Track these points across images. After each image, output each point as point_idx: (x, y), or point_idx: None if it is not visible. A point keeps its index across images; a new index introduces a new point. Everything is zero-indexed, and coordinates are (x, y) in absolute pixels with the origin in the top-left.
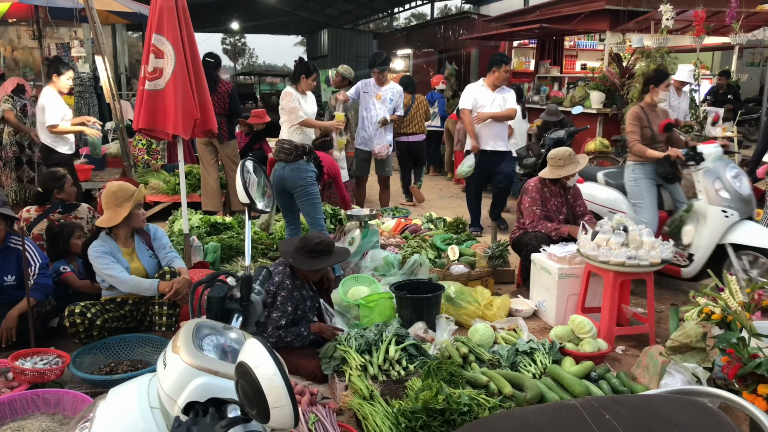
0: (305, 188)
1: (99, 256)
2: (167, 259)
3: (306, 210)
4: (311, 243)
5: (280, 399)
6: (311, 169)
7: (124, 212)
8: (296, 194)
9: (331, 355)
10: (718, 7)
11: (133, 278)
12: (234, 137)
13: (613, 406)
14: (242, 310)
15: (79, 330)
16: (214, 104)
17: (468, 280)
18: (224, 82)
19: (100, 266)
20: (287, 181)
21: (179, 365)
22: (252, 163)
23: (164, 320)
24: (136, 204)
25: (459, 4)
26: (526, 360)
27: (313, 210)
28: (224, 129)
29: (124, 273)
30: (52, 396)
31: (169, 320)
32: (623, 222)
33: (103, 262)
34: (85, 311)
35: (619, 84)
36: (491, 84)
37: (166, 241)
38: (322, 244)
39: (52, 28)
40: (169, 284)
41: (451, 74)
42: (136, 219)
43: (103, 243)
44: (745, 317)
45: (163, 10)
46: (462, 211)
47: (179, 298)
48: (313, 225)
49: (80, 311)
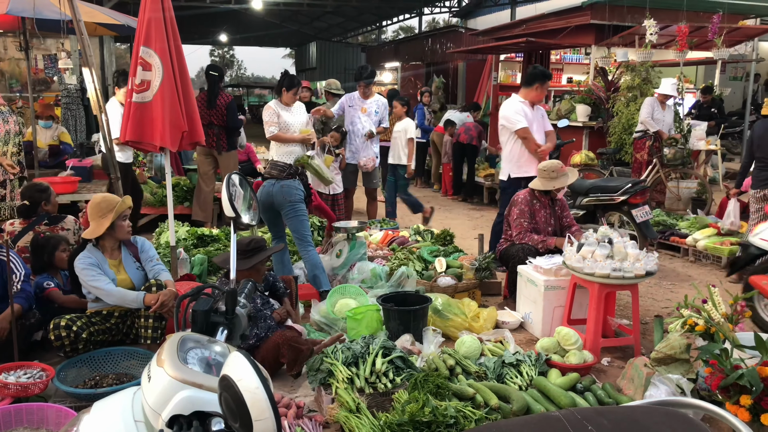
0: (293, 205)
1: (85, 268)
2: (154, 272)
3: (294, 226)
4: (243, 245)
5: (263, 412)
6: (300, 189)
7: (107, 223)
8: (284, 211)
9: (317, 367)
10: (700, 22)
11: (119, 290)
12: (234, 148)
13: (596, 417)
14: (227, 323)
15: (64, 343)
16: (214, 116)
17: (455, 292)
18: (224, 94)
19: (86, 278)
20: (275, 198)
21: (164, 378)
22: (238, 176)
23: (150, 333)
24: (119, 215)
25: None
26: (512, 372)
27: (301, 226)
28: (223, 140)
29: (110, 285)
30: (35, 410)
31: (154, 333)
32: (608, 234)
33: (89, 273)
34: (70, 324)
35: (604, 97)
36: (532, 100)
37: (153, 254)
38: (252, 243)
39: (39, 40)
40: (155, 297)
41: (438, 87)
42: (120, 230)
43: (89, 255)
44: (727, 329)
45: (151, 23)
46: (449, 223)
47: (165, 311)
48: (300, 241)
49: (66, 324)
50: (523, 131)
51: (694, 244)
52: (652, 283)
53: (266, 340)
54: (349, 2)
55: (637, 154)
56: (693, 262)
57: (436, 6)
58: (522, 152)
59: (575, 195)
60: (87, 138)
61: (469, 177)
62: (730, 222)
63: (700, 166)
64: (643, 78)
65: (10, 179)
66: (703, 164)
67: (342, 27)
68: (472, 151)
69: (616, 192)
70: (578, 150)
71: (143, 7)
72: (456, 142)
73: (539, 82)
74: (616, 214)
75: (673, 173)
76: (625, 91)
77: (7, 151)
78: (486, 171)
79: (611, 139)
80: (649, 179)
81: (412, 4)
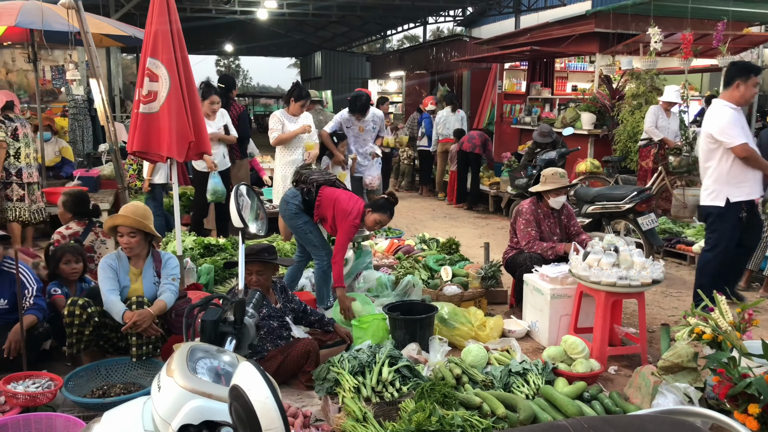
0: (290, 221)
1: (102, 268)
2: (161, 289)
3: (300, 241)
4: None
5: (273, 422)
6: (293, 202)
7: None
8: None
9: (324, 376)
10: (705, 30)
11: (111, 299)
12: (246, 157)
13: (603, 426)
14: (236, 333)
15: (74, 322)
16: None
17: (461, 301)
18: (236, 104)
19: (99, 276)
20: (281, 207)
21: (174, 388)
22: (245, 187)
23: (134, 351)
24: (108, 229)
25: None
26: (519, 381)
27: (304, 240)
28: (236, 149)
29: (109, 292)
30: (44, 420)
31: (139, 350)
32: (614, 242)
33: (102, 274)
34: (86, 305)
35: (609, 105)
36: (737, 102)
37: (173, 272)
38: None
39: (47, 51)
40: (130, 315)
41: (443, 95)
42: (120, 242)
43: (114, 258)
44: (735, 337)
45: (158, 34)
46: (455, 232)
47: (139, 330)
48: (312, 253)
49: (83, 303)
50: (743, 149)
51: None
52: (659, 292)
53: (293, 347)
54: (353, 12)
55: (643, 162)
56: None
57: (441, 15)
58: (743, 170)
59: (581, 203)
60: (94, 148)
61: (474, 185)
62: None
63: None
64: (648, 86)
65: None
66: None
67: (347, 36)
68: (475, 160)
69: (621, 200)
70: (583, 158)
71: (150, 19)
72: (459, 151)
73: (741, 78)
74: (621, 222)
75: (679, 181)
76: (630, 99)
77: (30, 153)
78: (491, 179)
79: (616, 147)
80: (654, 187)
81: (417, 13)
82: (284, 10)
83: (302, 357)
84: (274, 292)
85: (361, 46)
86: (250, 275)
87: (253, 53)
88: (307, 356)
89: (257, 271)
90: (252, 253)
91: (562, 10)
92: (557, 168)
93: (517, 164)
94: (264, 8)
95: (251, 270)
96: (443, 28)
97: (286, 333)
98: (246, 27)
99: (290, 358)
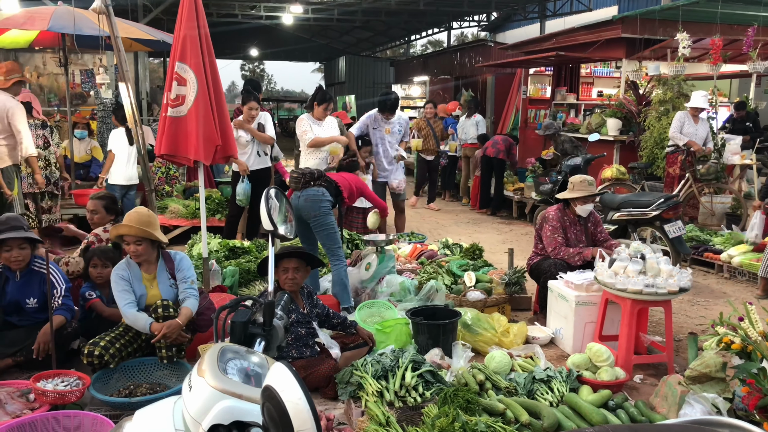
0: (318, 218)
1: (116, 281)
2: (183, 295)
3: (322, 240)
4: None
5: (305, 423)
6: (325, 198)
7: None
8: (311, 224)
9: (347, 380)
10: (734, 35)
11: (132, 313)
12: (271, 160)
13: None
14: (265, 334)
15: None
16: None
17: (484, 307)
18: (263, 108)
19: (113, 290)
20: (302, 211)
21: (205, 388)
22: (275, 190)
23: (164, 353)
24: (115, 237)
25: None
26: (543, 388)
27: (329, 240)
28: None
29: (127, 306)
30: (72, 418)
31: (168, 352)
32: (641, 250)
33: (116, 288)
34: (102, 354)
35: (635, 111)
36: None
37: (189, 274)
38: (284, 249)
39: (76, 55)
40: (159, 327)
41: (467, 100)
42: (127, 250)
43: (125, 268)
44: (765, 347)
45: (186, 40)
46: (478, 237)
47: (169, 341)
48: (329, 254)
49: (99, 353)
50: None
51: (728, 261)
52: (686, 300)
53: (317, 368)
54: (378, 17)
55: (670, 168)
56: (728, 278)
57: (465, 20)
58: None
59: (606, 210)
60: None
61: (497, 191)
62: (755, 235)
63: (735, 180)
64: (676, 92)
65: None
66: (737, 179)
67: (371, 41)
68: (499, 165)
69: (648, 207)
70: (609, 164)
71: (179, 24)
72: (483, 156)
73: None
74: (648, 230)
75: (707, 188)
76: (657, 105)
77: (41, 156)
78: (515, 185)
79: (642, 154)
80: (681, 194)
81: (441, 18)
82: (309, 15)
83: (323, 380)
84: (301, 297)
85: (385, 51)
86: (286, 273)
87: (277, 58)
88: (328, 382)
89: (294, 268)
90: (290, 250)
91: (588, 15)
92: (585, 175)
93: (542, 170)
94: (289, 13)
95: (288, 267)
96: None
97: (311, 341)
98: (271, 32)
99: (312, 377)
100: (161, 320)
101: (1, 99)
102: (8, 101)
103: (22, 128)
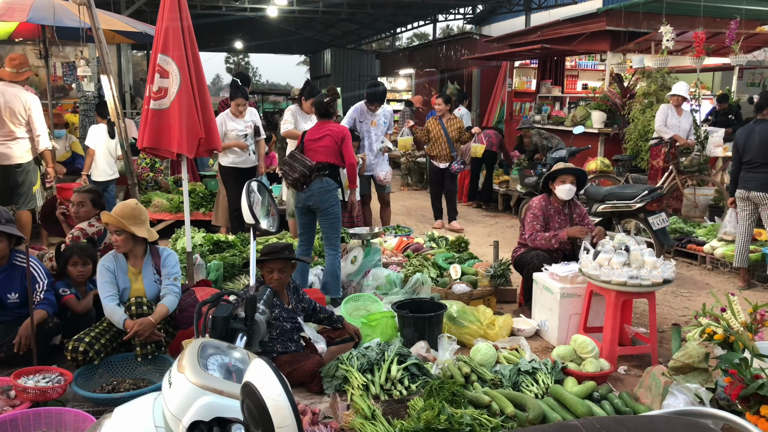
0: (328, 210)
1: (100, 272)
2: (163, 291)
3: (325, 229)
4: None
5: (286, 419)
6: (332, 187)
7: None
8: (321, 215)
9: (333, 374)
10: (717, 28)
11: (111, 306)
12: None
13: (615, 426)
14: (247, 329)
15: (78, 363)
16: None
17: (470, 299)
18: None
19: (98, 281)
20: (315, 204)
21: (185, 384)
22: (257, 183)
23: (139, 350)
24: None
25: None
26: (528, 380)
27: (331, 229)
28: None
29: (108, 299)
30: (54, 414)
31: (143, 350)
32: (625, 242)
33: (100, 279)
34: (87, 350)
35: (620, 104)
36: None
37: (173, 271)
38: (268, 248)
39: (58, 48)
40: (131, 324)
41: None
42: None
43: (111, 260)
44: (747, 338)
45: (169, 31)
46: (465, 229)
47: (141, 339)
48: (328, 245)
49: (84, 350)
50: None
51: (711, 252)
52: (669, 291)
53: (302, 363)
54: (363, 9)
55: (654, 161)
56: (710, 270)
57: (451, 13)
58: None
59: (591, 202)
60: None
61: (487, 183)
62: (724, 232)
63: (718, 173)
64: (659, 84)
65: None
66: (720, 171)
67: (356, 34)
68: (491, 158)
69: (632, 199)
70: (593, 157)
71: (161, 16)
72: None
73: None
74: (632, 222)
75: (690, 180)
76: (641, 97)
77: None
78: (501, 177)
79: (627, 146)
80: (665, 186)
81: (427, 11)
82: (294, 7)
83: (308, 375)
84: (287, 292)
85: (371, 44)
86: (271, 273)
87: (262, 50)
88: (313, 377)
89: (279, 269)
90: (274, 251)
91: (572, 8)
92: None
93: (527, 163)
94: (274, 5)
95: (273, 268)
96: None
97: (296, 336)
98: (256, 24)
99: (296, 373)
100: (135, 317)
101: (19, 93)
102: (27, 95)
103: (41, 122)
